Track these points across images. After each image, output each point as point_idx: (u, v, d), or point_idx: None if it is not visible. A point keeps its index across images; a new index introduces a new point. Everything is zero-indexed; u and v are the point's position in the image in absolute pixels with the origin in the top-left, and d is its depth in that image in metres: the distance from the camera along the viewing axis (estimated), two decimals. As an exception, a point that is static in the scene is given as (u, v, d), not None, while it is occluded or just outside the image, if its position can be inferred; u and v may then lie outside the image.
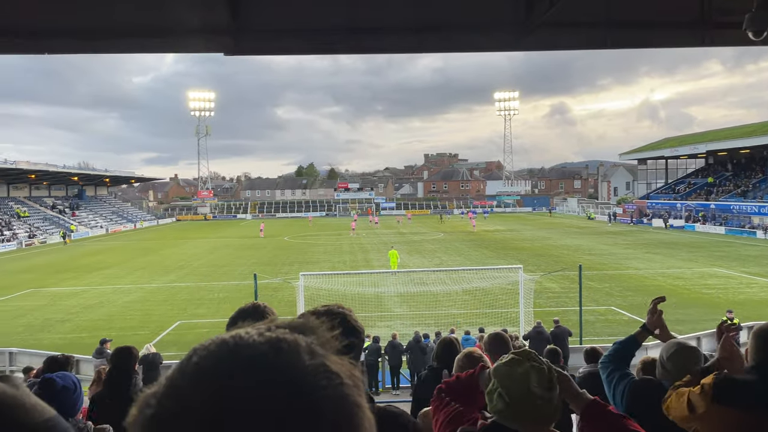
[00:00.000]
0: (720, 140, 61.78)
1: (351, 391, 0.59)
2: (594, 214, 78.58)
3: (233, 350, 0.58)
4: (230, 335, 0.60)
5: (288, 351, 0.58)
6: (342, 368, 0.60)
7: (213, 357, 0.57)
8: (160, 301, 24.81)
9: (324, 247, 45.51)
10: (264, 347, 0.58)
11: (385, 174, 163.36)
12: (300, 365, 0.57)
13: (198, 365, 0.57)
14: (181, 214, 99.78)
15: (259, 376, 0.55)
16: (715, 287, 25.31)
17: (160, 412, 0.54)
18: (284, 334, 0.61)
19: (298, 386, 0.55)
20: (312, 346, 0.60)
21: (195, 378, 0.56)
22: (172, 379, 0.57)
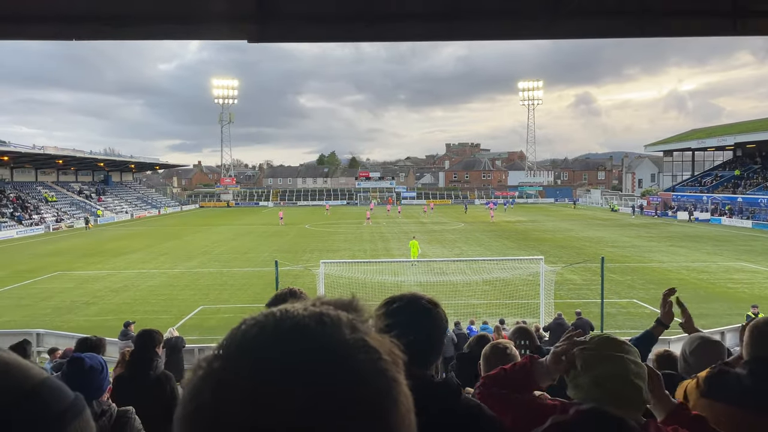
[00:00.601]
0: (749, 132, 60.33)
1: (389, 367, 0.61)
2: (618, 206, 77.52)
3: (279, 320, 0.61)
4: (278, 309, 0.64)
5: (330, 324, 0.61)
6: (382, 345, 0.62)
7: (259, 325, 0.61)
8: (183, 286, 25.16)
9: (344, 236, 45.66)
10: (307, 320, 0.61)
11: (406, 163, 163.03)
12: (341, 338, 0.60)
13: (245, 333, 0.61)
14: (204, 201, 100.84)
15: (301, 345, 0.58)
16: (741, 282, 24.85)
17: (209, 373, 0.58)
18: (328, 309, 0.64)
19: (337, 357, 0.58)
20: (354, 322, 0.63)
21: (241, 344, 0.59)
22: (222, 345, 0.61)
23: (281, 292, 2.56)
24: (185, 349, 11.58)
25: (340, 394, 0.56)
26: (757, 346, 2.44)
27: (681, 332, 7.62)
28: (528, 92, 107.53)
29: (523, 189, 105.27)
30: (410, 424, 0.62)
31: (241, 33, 7.42)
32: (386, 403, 0.59)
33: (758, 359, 2.43)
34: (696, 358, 3.48)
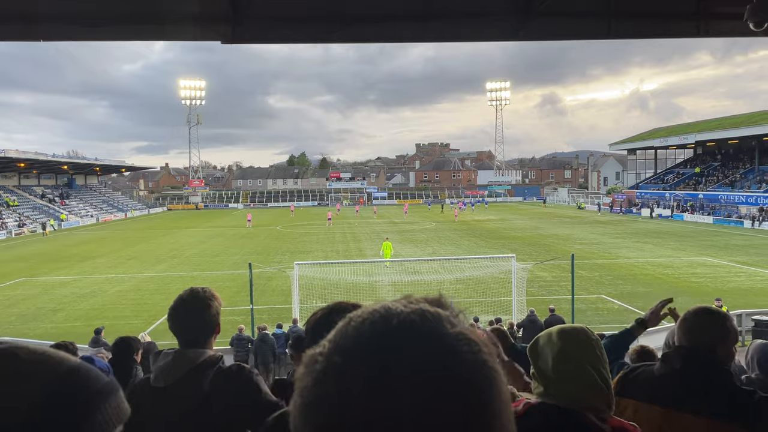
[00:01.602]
0: (709, 131, 62.21)
1: (489, 358, 0.64)
2: (584, 203, 79.02)
3: (385, 316, 0.64)
4: (379, 306, 0.67)
5: (432, 319, 0.64)
6: (479, 338, 0.65)
7: (368, 322, 0.64)
8: (152, 290, 24.76)
9: (317, 237, 45.50)
10: (412, 315, 0.64)
11: (377, 164, 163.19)
12: (444, 332, 0.63)
13: (357, 329, 0.64)
14: (173, 204, 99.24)
15: (411, 338, 0.61)
16: (704, 276, 25.61)
17: (329, 366, 0.61)
18: (426, 306, 0.67)
19: (444, 350, 0.61)
20: (450, 317, 0.66)
21: (356, 339, 0.63)
22: (335, 340, 0.64)
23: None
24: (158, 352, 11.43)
25: (452, 383, 0.59)
26: (682, 336, 2.37)
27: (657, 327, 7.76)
28: (495, 92, 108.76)
29: (492, 188, 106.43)
30: (509, 412, 0.66)
31: (215, 34, 7.39)
32: (491, 392, 0.62)
33: (680, 349, 2.35)
34: None
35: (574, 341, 1.79)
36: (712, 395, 2.13)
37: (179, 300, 2.57)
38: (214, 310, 2.55)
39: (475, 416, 0.60)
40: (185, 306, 2.52)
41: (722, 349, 2.26)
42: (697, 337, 2.28)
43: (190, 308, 2.51)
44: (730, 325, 2.31)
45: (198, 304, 2.52)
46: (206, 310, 2.52)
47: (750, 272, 26.01)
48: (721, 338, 2.27)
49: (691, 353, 2.27)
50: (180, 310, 2.52)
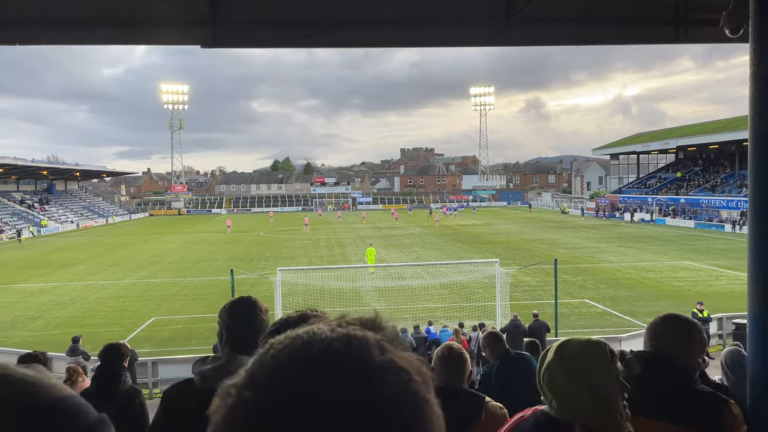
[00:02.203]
0: (690, 136, 63.04)
1: (420, 387, 0.60)
2: (568, 208, 79.64)
3: (307, 344, 0.60)
4: (304, 330, 0.62)
5: (358, 346, 0.60)
6: (411, 365, 0.61)
7: (288, 350, 0.60)
8: (133, 297, 24.44)
9: (300, 242, 45.30)
10: (336, 342, 0.60)
11: (361, 168, 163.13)
12: (370, 360, 0.58)
13: (274, 358, 0.60)
14: (155, 209, 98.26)
15: (331, 369, 0.57)
16: (686, 280, 25.88)
17: (240, 401, 0.57)
18: (355, 330, 0.63)
19: (368, 380, 0.57)
20: (381, 343, 0.61)
21: (272, 370, 0.58)
22: (251, 370, 0.60)
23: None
24: (138, 362, 11.24)
25: (374, 420, 0.55)
26: (647, 341, 2.36)
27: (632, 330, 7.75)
28: (480, 98, 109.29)
29: (477, 193, 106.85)
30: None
31: (194, 38, 7.28)
32: (419, 425, 0.58)
33: (640, 354, 2.34)
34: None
35: (565, 357, 1.77)
36: (671, 400, 2.13)
37: (234, 302, 2.49)
38: (265, 321, 2.49)
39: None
40: (242, 308, 2.44)
41: (686, 356, 2.25)
42: (661, 344, 2.28)
43: (248, 312, 2.43)
44: (696, 333, 2.31)
45: (255, 309, 2.45)
46: (259, 317, 2.45)
47: (731, 276, 26.32)
48: (685, 345, 2.27)
49: (650, 358, 2.27)
50: (237, 310, 2.44)
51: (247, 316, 2.39)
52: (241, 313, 2.41)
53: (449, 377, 2.96)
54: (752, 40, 4.25)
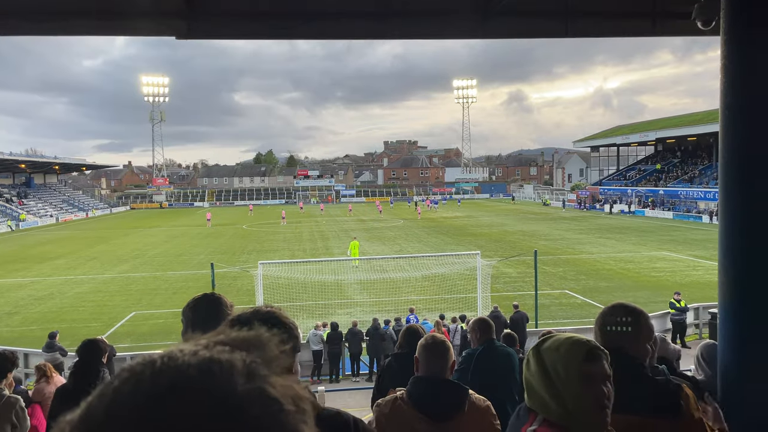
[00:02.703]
0: (669, 128, 63.82)
1: (291, 419, 0.53)
2: (549, 200, 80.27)
3: (157, 373, 0.52)
4: (161, 354, 0.55)
5: (219, 374, 0.52)
6: (285, 391, 0.55)
7: (134, 380, 0.52)
8: (113, 292, 24.18)
9: (283, 235, 45.12)
10: (191, 371, 0.52)
11: (345, 161, 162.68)
12: (231, 390, 0.51)
13: (117, 390, 0.52)
14: (136, 203, 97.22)
15: (182, 405, 0.50)
16: (664, 270, 26.25)
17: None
18: (221, 353, 0.55)
19: (225, 414, 0.50)
20: (251, 367, 0.54)
21: (111, 405, 0.51)
22: (88, 404, 0.52)
23: (198, 298, 2.45)
24: (116, 357, 11.14)
25: None
26: (597, 333, 2.34)
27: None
28: (462, 90, 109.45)
29: (460, 185, 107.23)
30: None
31: (169, 29, 7.19)
32: None
33: None
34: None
35: (542, 349, 1.75)
36: (632, 392, 2.11)
37: (198, 298, 2.45)
38: None
39: None
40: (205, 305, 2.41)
41: (636, 346, 2.25)
42: (612, 335, 2.27)
43: (211, 307, 2.39)
44: (644, 321, 2.31)
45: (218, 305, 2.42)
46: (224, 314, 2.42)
47: (708, 266, 26.73)
48: (635, 335, 2.26)
49: None
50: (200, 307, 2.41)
51: (211, 314, 2.36)
52: (205, 310, 2.38)
53: (432, 366, 2.96)
54: (723, 33, 4.31)
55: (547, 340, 1.76)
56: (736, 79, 4.18)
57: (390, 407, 2.89)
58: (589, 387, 1.64)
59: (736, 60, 4.19)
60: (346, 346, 14.60)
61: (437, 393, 2.86)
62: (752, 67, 4.16)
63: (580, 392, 1.64)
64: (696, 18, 4.82)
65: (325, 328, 14.90)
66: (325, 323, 15.22)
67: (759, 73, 4.16)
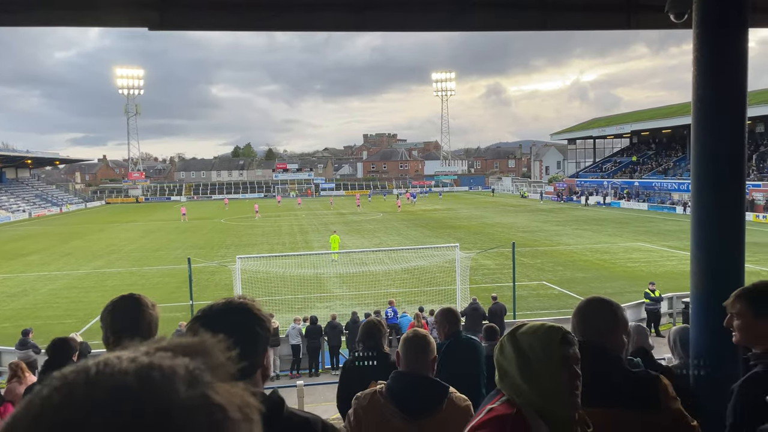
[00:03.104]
0: (644, 120, 64.69)
1: (235, 426, 0.51)
2: (527, 192, 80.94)
3: (92, 381, 0.49)
4: (97, 360, 0.52)
5: (159, 381, 0.49)
6: (231, 398, 0.52)
7: (66, 388, 0.49)
8: (88, 288, 23.82)
9: (262, 229, 44.84)
10: (129, 377, 0.49)
11: (324, 154, 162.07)
12: (172, 398, 0.49)
13: (47, 399, 0.48)
14: (111, 197, 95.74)
15: (117, 414, 0.47)
16: (639, 261, 26.67)
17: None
18: (161, 359, 0.52)
19: (166, 424, 0.47)
20: (195, 373, 0.52)
21: (39, 415, 0.47)
22: (14, 415, 0.49)
23: (116, 300, 2.36)
24: (91, 354, 10.97)
25: None
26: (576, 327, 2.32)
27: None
28: (441, 83, 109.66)
29: (439, 178, 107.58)
30: None
31: (141, 20, 7.04)
32: None
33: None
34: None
35: (517, 333, 1.79)
36: (610, 384, 2.14)
37: (114, 301, 2.39)
38: (155, 320, 2.38)
39: None
40: (130, 309, 2.34)
41: (614, 338, 2.27)
42: (590, 328, 2.28)
43: (136, 313, 2.32)
44: (621, 314, 2.34)
45: (144, 309, 2.35)
46: (144, 316, 2.34)
47: (681, 256, 27.21)
48: (613, 328, 2.29)
49: (582, 345, 2.26)
50: (116, 310, 2.35)
51: (132, 315, 2.30)
52: (122, 313, 2.31)
53: (413, 361, 2.93)
54: (695, 26, 4.35)
55: (521, 327, 1.81)
56: (707, 71, 4.23)
57: (368, 400, 2.87)
58: (566, 368, 1.71)
59: (707, 52, 4.24)
60: (326, 339, 14.59)
61: (416, 389, 2.85)
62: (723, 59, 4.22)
63: (557, 372, 1.69)
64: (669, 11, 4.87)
65: (305, 322, 14.86)
66: (305, 317, 15.18)
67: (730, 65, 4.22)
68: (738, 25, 4.19)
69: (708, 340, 4.13)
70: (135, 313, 2.26)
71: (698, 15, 4.22)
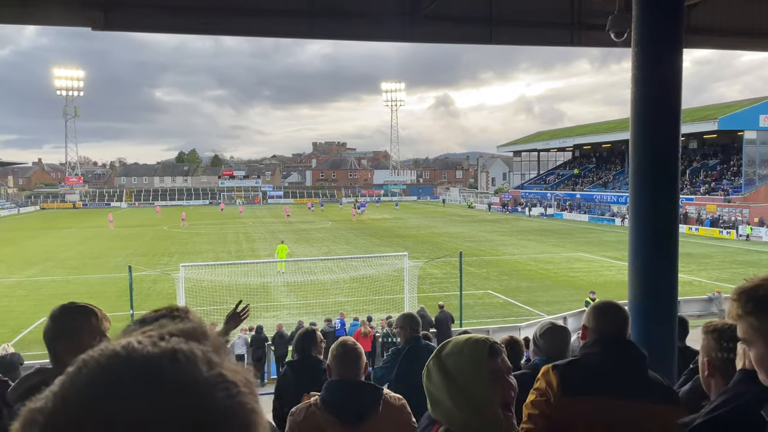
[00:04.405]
0: (585, 135, 67.08)
1: (248, 399, 0.58)
2: (474, 203, 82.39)
3: (126, 362, 0.55)
4: (121, 345, 0.57)
5: (185, 362, 0.56)
6: (238, 376, 0.59)
7: (105, 369, 0.54)
8: (20, 296, 22.68)
9: (207, 237, 43.87)
10: (160, 359, 0.55)
11: (272, 162, 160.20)
12: (199, 376, 0.55)
13: (90, 378, 0.53)
14: (47, 202, 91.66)
15: (157, 388, 0.53)
16: (580, 270, 27.53)
17: (50, 428, 0.51)
18: (179, 343, 0.58)
19: (198, 398, 0.54)
20: (208, 355, 0.58)
21: (88, 392, 0.53)
22: (62, 393, 0.53)
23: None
24: (24, 365, 10.44)
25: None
26: (603, 324, 2.47)
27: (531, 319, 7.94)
28: (391, 93, 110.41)
29: (388, 188, 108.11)
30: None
31: (85, 20, 6.83)
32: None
33: (605, 339, 2.42)
34: (545, 341, 3.75)
35: (442, 355, 1.70)
36: (649, 380, 2.39)
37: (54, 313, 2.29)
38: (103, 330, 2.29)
39: None
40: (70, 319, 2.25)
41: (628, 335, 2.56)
42: (616, 326, 2.48)
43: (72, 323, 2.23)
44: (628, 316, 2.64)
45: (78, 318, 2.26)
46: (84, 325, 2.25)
47: (619, 266, 28.26)
48: (626, 328, 2.55)
49: (615, 341, 2.45)
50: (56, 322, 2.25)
51: (74, 326, 2.25)
52: (65, 323, 2.27)
53: (345, 372, 2.94)
54: (634, 44, 4.57)
55: (445, 347, 1.70)
56: (644, 88, 4.44)
57: (303, 414, 2.85)
58: (498, 381, 1.61)
59: (645, 70, 4.46)
60: (272, 349, 14.38)
61: (350, 396, 2.86)
62: (659, 77, 4.44)
63: (489, 388, 1.59)
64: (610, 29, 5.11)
65: (251, 332, 14.60)
66: (250, 327, 14.91)
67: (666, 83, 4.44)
68: (673, 46, 4.43)
69: (643, 346, 4.32)
70: (79, 321, 2.19)
71: (636, 35, 4.45)
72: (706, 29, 7.01)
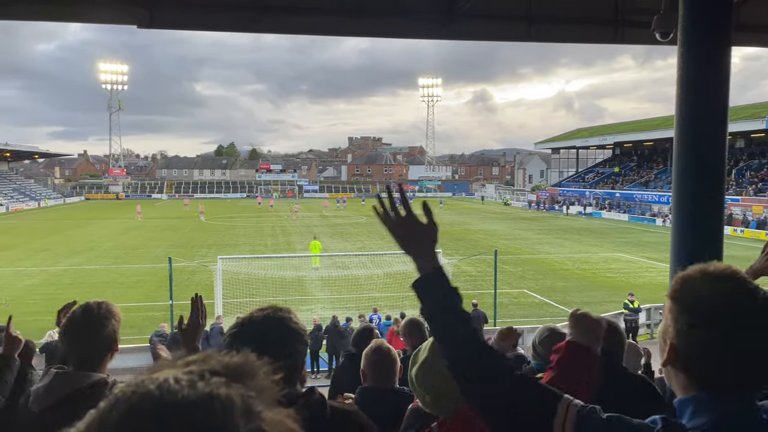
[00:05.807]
0: (627, 132, 65.57)
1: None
2: (510, 200, 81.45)
3: (158, 407, 0.50)
4: (157, 384, 0.52)
5: (221, 412, 0.51)
6: (278, 428, 0.54)
7: (135, 413, 0.51)
8: (66, 284, 23.46)
9: (244, 230, 44.57)
10: (194, 406, 0.50)
11: (309, 156, 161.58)
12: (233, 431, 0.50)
13: (119, 421, 0.50)
14: (91, 193, 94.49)
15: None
16: (618, 271, 26.97)
17: None
18: (218, 387, 0.53)
19: None
20: (248, 402, 0.53)
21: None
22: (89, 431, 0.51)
23: (75, 312, 2.37)
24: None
25: None
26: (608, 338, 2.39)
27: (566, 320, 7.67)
28: (428, 89, 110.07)
29: (423, 183, 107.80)
30: None
31: (131, 18, 7.01)
32: None
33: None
34: (545, 347, 3.68)
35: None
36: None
37: (70, 318, 2.36)
38: (110, 329, 2.33)
39: None
40: (77, 326, 2.31)
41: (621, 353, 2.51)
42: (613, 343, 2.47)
43: (83, 328, 2.29)
44: None
45: (91, 323, 2.31)
46: (101, 330, 2.29)
47: (660, 268, 27.57)
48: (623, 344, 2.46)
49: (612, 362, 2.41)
50: (71, 329, 2.31)
51: (78, 336, 2.30)
52: (71, 334, 2.32)
53: (378, 379, 2.94)
54: (680, 45, 4.45)
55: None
56: (691, 89, 4.33)
57: None
58: None
59: (691, 71, 4.34)
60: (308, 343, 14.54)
61: (382, 403, 2.85)
62: (706, 77, 4.31)
63: None
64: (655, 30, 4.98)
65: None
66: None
67: (713, 83, 4.32)
68: (721, 45, 4.30)
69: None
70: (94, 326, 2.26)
71: (683, 34, 4.33)
72: (755, 27, 6.77)
